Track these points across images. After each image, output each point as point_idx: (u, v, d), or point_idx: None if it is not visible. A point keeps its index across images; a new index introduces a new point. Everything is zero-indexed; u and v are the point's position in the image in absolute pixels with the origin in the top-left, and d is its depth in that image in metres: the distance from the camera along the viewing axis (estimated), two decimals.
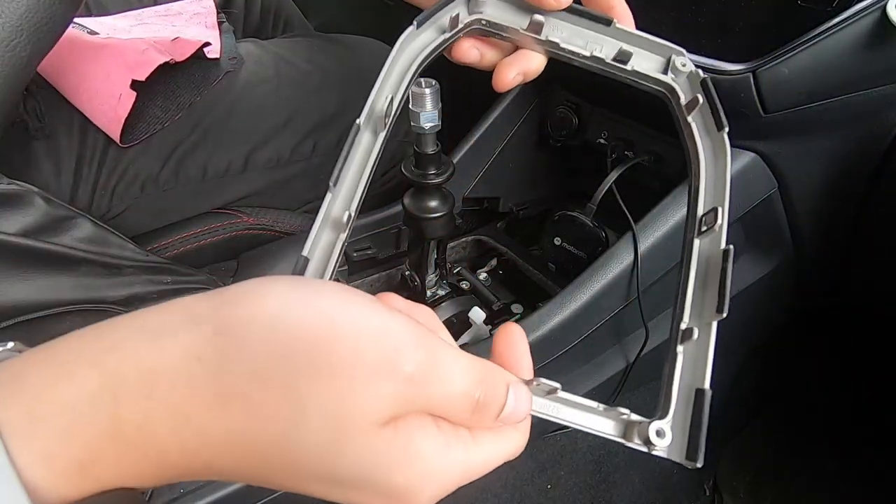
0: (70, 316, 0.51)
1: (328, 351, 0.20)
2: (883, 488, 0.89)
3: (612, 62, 0.34)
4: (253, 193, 0.70)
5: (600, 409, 0.27)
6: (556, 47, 0.34)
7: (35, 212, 0.49)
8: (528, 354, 0.28)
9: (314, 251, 0.28)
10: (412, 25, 0.32)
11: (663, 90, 0.34)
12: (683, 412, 0.27)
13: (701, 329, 0.28)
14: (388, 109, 0.31)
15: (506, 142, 0.72)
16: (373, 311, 0.22)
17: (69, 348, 0.19)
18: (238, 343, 0.19)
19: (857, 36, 0.45)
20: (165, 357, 0.19)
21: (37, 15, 0.41)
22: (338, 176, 0.29)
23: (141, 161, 0.63)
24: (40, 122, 0.58)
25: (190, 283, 0.57)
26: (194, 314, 0.20)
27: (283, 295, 0.21)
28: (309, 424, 0.20)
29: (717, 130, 0.32)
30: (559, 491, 0.74)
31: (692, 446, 0.26)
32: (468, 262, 0.77)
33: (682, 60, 0.34)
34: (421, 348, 0.22)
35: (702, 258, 0.30)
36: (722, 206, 0.31)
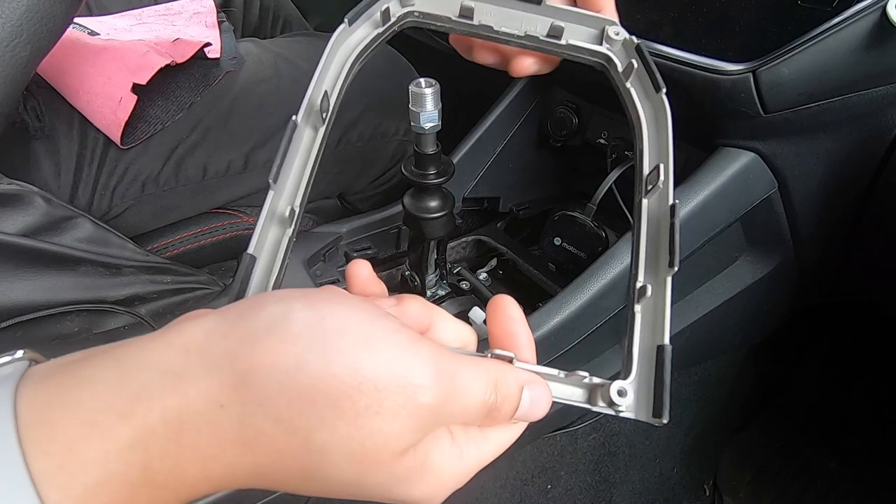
0: (70, 316, 0.51)
1: (351, 396, 0.20)
2: (883, 488, 0.89)
3: (547, 38, 0.34)
4: (253, 193, 0.70)
5: (561, 376, 0.27)
6: (490, 31, 0.34)
7: (35, 212, 0.49)
8: (524, 325, 0.28)
9: (261, 249, 0.28)
10: (344, 22, 0.32)
11: (600, 60, 0.34)
12: (647, 371, 0.27)
13: (656, 286, 0.28)
14: (324, 104, 0.31)
15: (506, 142, 0.72)
16: (394, 350, 0.21)
17: (95, 395, 0.19)
18: (259, 392, 0.20)
19: (857, 36, 0.45)
20: (190, 405, 0.19)
21: (37, 15, 0.41)
22: (277, 172, 0.29)
23: (141, 161, 0.63)
24: (40, 122, 0.58)
25: (190, 283, 0.57)
26: (212, 357, 0.20)
27: (304, 339, 0.20)
28: (333, 463, 0.21)
29: (655, 92, 0.33)
30: (559, 491, 0.74)
31: (657, 403, 0.26)
32: (468, 262, 0.77)
33: (616, 29, 0.34)
34: (440, 378, 0.22)
35: (652, 217, 0.30)
36: (665, 163, 0.31)
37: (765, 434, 0.98)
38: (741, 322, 0.71)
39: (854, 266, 0.67)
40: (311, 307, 0.22)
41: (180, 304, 0.56)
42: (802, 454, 0.95)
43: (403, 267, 0.69)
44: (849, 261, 0.66)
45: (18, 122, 0.56)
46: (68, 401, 0.19)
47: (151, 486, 0.19)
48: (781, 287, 0.68)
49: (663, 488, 0.86)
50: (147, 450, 0.19)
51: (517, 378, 0.25)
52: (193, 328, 0.21)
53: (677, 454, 0.87)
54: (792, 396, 1.00)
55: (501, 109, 0.70)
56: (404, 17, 0.34)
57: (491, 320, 0.28)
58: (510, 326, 0.28)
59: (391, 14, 0.33)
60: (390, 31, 0.34)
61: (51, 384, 0.19)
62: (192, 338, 0.21)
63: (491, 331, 0.28)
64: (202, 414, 0.20)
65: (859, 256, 0.65)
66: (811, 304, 0.78)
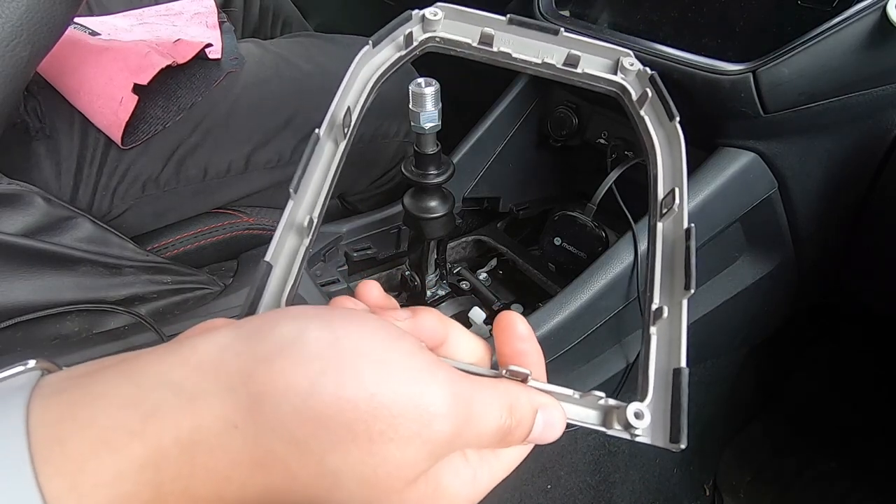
0: (70, 316, 0.51)
1: (366, 421, 0.20)
2: (883, 488, 0.89)
3: (563, 67, 0.35)
4: (253, 193, 0.70)
5: (576, 397, 0.27)
6: (509, 57, 0.35)
7: (35, 212, 0.49)
8: (534, 343, 0.28)
9: (278, 257, 0.28)
10: (368, 44, 0.33)
11: (615, 89, 0.36)
12: (663, 394, 0.27)
13: (672, 308, 0.28)
14: (346, 120, 0.32)
15: (506, 142, 0.72)
16: (410, 375, 0.21)
17: (108, 413, 0.19)
18: (273, 414, 0.19)
19: (857, 36, 0.45)
20: (203, 425, 0.19)
21: (37, 15, 0.41)
22: (298, 183, 0.29)
23: (142, 161, 0.63)
24: (41, 123, 0.58)
25: (190, 283, 0.57)
26: (226, 377, 0.20)
27: (318, 362, 0.20)
28: (345, 489, 0.20)
29: (668, 121, 0.34)
30: (559, 491, 0.75)
31: (675, 427, 0.25)
32: (468, 262, 0.77)
33: (630, 60, 0.35)
34: (456, 406, 0.22)
35: (667, 240, 0.31)
36: (679, 187, 0.31)
37: (765, 434, 0.98)
38: (741, 322, 0.71)
39: (854, 266, 0.67)
40: (326, 327, 0.21)
41: (180, 304, 0.56)
42: (802, 454, 0.95)
43: (403, 267, 0.69)
44: (848, 261, 0.66)
45: (19, 122, 0.56)
46: (80, 418, 0.19)
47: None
48: (781, 287, 0.68)
49: (663, 488, 0.86)
50: (159, 470, 0.19)
51: (532, 401, 0.25)
52: (207, 344, 0.21)
53: (677, 454, 0.87)
54: (792, 396, 1.00)
55: (501, 109, 0.70)
56: (426, 42, 0.35)
57: (499, 340, 0.28)
58: (520, 346, 0.27)
59: (414, 38, 0.34)
60: (412, 54, 0.35)
61: (63, 400, 0.19)
62: (206, 354, 0.20)
63: (500, 350, 0.28)
64: (216, 435, 0.19)
65: (859, 256, 0.65)
66: (811, 304, 0.78)
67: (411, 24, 0.35)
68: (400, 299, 0.68)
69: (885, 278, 0.63)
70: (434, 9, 0.34)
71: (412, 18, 0.34)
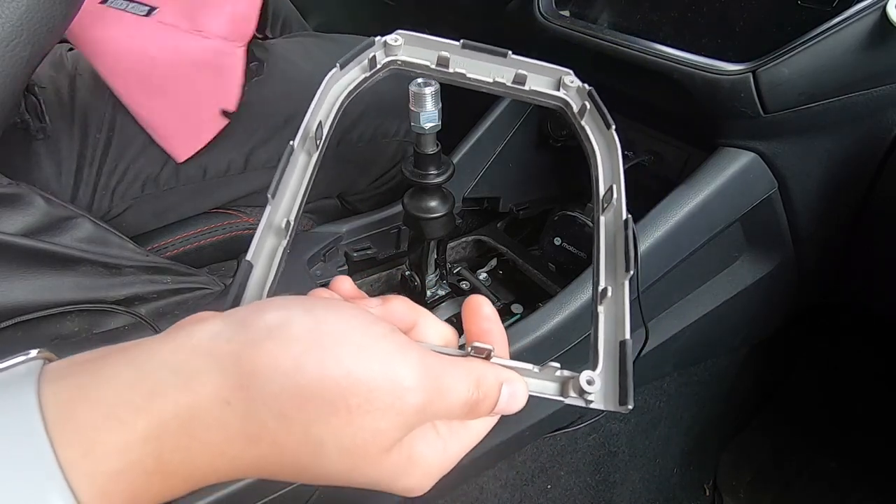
0: (70, 316, 0.51)
1: (344, 396, 0.22)
2: (883, 488, 0.89)
3: (512, 85, 0.40)
4: (253, 193, 0.70)
5: (535, 371, 0.29)
6: (464, 77, 0.39)
7: (35, 212, 0.50)
8: (498, 323, 0.31)
9: (258, 257, 0.32)
10: (336, 67, 0.37)
11: (559, 103, 0.40)
12: (612, 364, 0.30)
13: (616, 288, 0.32)
14: (318, 132, 0.36)
15: (506, 142, 0.72)
16: (384, 354, 0.24)
17: (114, 392, 0.21)
18: (262, 391, 0.22)
19: (857, 36, 0.45)
20: (200, 402, 0.21)
21: (37, 15, 0.41)
22: (275, 189, 0.33)
23: (141, 161, 0.63)
24: (41, 123, 0.58)
25: (190, 283, 0.57)
26: (219, 359, 0.22)
27: (301, 343, 0.22)
28: (327, 456, 0.23)
29: (606, 129, 0.38)
30: (559, 491, 0.75)
31: (623, 391, 0.29)
32: (468, 262, 0.77)
33: (570, 78, 0.40)
34: (426, 380, 0.24)
35: (609, 230, 0.35)
36: (617, 184, 0.36)
37: (765, 434, 0.98)
38: (741, 322, 0.71)
39: (854, 266, 0.67)
40: (308, 313, 0.24)
41: (180, 303, 0.56)
42: (802, 454, 0.95)
43: (403, 267, 0.69)
44: (848, 261, 0.66)
45: (19, 122, 0.56)
46: (89, 397, 0.21)
47: (164, 475, 0.21)
48: (781, 287, 0.68)
49: (663, 488, 0.86)
50: (161, 442, 0.21)
51: (497, 375, 0.28)
52: (200, 331, 0.23)
53: (677, 454, 0.87)
54: (792, 396, 1.00)
55: (501, 109, 0.70)
56: (389, 65, 0.39)
57: (467, 319, 0.31)
58: (484, 325, 0.30)
59: (377, 61, 0.38)
60: (376, 75, 0.39)
61: (71, 383, 0.21)
62: (200, 340, 0.23)
63: (467, 329, 0.31)
64: (211, 410, 0.21)
65: (859, 257, 0.65)
66: (811, 304, 0.78)
67: (374, 49, 0.38)
68: None
69: (885, 278, 0.63)
70: (395, 35, 0.39)
71: (375, 44, 0.38)
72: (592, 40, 0.57)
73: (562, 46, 0.61)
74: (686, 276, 0.61)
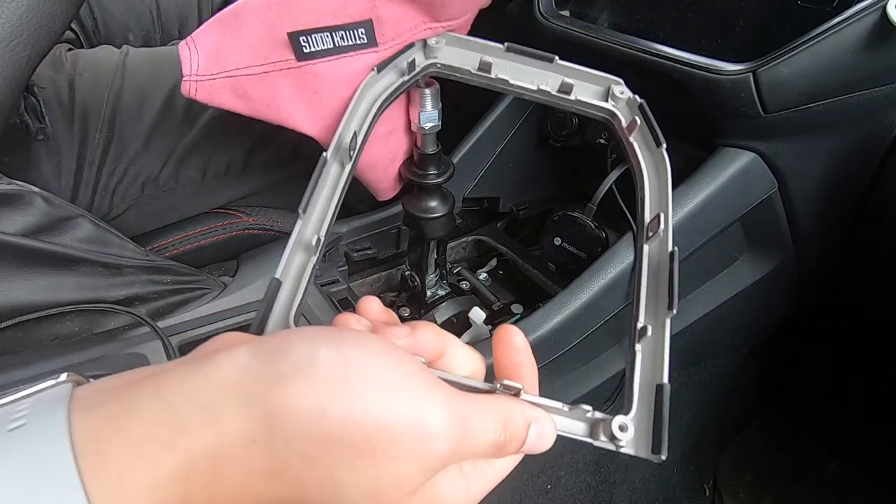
0: (70, 316, 0.51)
1: (369, 440, 0.22)
2: (883, 488, 0.89)
3: (557, 94, 0.37)
4: (253, 193, 0.70)
5: (565, 410, 0.28)
6: (506, 84, 0.37)
7: (35, 212, 0.49)
8: (529, 354, 0.29)
9: (287, 274, 0.30)
10: (372, 71, 0.35)
11: (606, 115, 0.37)
12: (646, 408, 0.28)
13: (655, 327, 0.30)
14: (352, 143, 0.34)
15: (506, 142, 0.72)
16: (411, 396, 0.23)
17: (143, 427, 0.21)
18: (287, 430, 0.22)
19: (857, 36, 0.45)
20: (226, 440, 0.21)
21: (37, 15, 0.41)
22: (307, 203, 0.31)
23: (141, 162, 0.63)
24: (41, 124, 0.58)
25: (190, 283, 0.57)
26: (246, 395, 0.22)
27: (328, 384, 0.22)
28: (350, 499, 0.22)
29: (656, 147, 0.36)
30: (559, 491, 0.74)
31: (656, 440, 0.27)
32: (468, 262, 0.77)
33: (621, 88, 0.37)
34: (453, 424, 0.23)
35: (652, 261, 0.33)
36: (664, 212, 0.33)
37: (765, 434, 0.98)
38: (741, 322, 0.71)
39: (854, 266, 0.67)
40: (336, 349, 0.23)
41: (180, 303, 0.56)
42: (802, 454, 0.95)
43: (403, 267, 0.69)
44: (848, 261, 0.66)
45: (19, 122, 0.56)
46: (118, 431, 0.21)
47: None
48: (781, 287, 0.68)
49: (663, 488, 0.86)
50: (188, 481, 0.21)
51: (525, 415, 0.27)
52: (228, 363, 0.23)
53: (677, 454, 0.87)
54: (792, 396, 1.00)
55: (501, 109, 0.70)
56: (428, 68, 0.37)
57: (497, 350, 0.30)
58: (516, 357, 0.29)
59: (416, 64, 0.36)
60: (414, 79, 0.37)
61: (101, 415, 0.21)
62: (228, 375, 0.22)
63: (497, 360, 0.30)
64: (237, 448, 0.21)
65: (859, 257, 0.65)
66: (811, 304, 0.78)
67: (414, 51, 0.36)
68: (400, 299, 0.68)
69: (885, 278, 0.63)
70: (437, 36, 0.36)
71: (415, 45, 0.36)
72: (592, 40, 0.57)
73: (562, 47, 0.61)
74: (686, 276, 0.61)
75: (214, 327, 0.55)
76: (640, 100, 0.36)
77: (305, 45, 0.39)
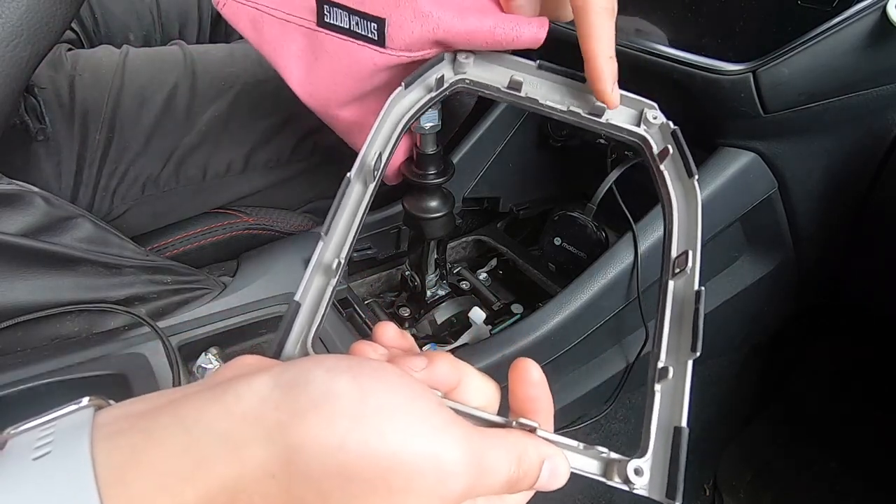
0: (70, 316, 0.51)
1: (385, 477, 0.22)
2: (883, 488, 0.89)
3: (588, 115, 0.36)
4: (253, 193, 0.70)
5: (580, 448, 0.28)
6: (536, 103, 0.36)
7: (35, 212, 0.49)
8: (545, 389, 0.29)
9: (306, 296, 0.30)
10: (401, 86, 0.34)
11: (637, 140, 0.36)
12: (663, 450, 0.28)
13: (677, 368, 0.30)
14: (376, 164, 0.34)
15: (506, 142, 0.72)
16: (429, 434, 0.23)
17: (164, 459, 0.21)
18: (305, 466, 0.22)
19: (857, 36, 0.45)
20: (245, 473, 0.22)
21: (37, 15, 0.41)
22: (329, 225, 0.31)
23: (141, 162, 0.63)
24: (41, 124, 0.58)
25: (190, 283, 0.57)
26: (267, 427, 0.22)
27: (346, 420, 0.22)
28: None
29: (687, 177, 0.34)
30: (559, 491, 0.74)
31: (671, 484, 0.27)
32: (468, 262, 0.77)
33: (654, 113, 0.36)
34: (469, 462, 0.24)
35: (676, 299, 0.32)
36: (693, 250, 0.33)
37: (765, 434, 0.98)
38: (741, 322, 0.71)
39: (854, 266, 0.67)
40: (354, 381, 0.23)
41: (180, 303, 0.56)
42: (802, 454, 0.95)
43: (403, 267, 0.69)
44: (848, 261, 0.66)
45: (19, 122, 0.56)
46: (141, 463, 0.21)
47: None
48: (781, 287, 0.68)
49: None
50: None
51: (539, 452, 0.27)
52: (249, 394, 0.23)
53: None
54: (792, 396, 1.00)
55: (501, 109, 0.70)
56: (456, 84, 0.36)
57: (513, 383, 0.29)
58: (532, 392, 0.29)
59: (445, 80, 0.35)
60: (441, 95, 0.36)
61: (124, 443, 0.22)
62: (249, 406, 0.23)
63: (513, 393, 0.30)
64: (256, 482, 0.22)
65: (859, 257, 0.65)
66: (811, 304, 0.78)
67: (443, 67, 0.36)
68: (400, 299, 0.68)
69: (885, 278, 0.63)
70: (466, 52, 0.35)
71: (444, 60, 0.35)
72: None
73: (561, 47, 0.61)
74: None
75: (214, 327, 0.55)
76: (674, 126, 0.35)
77: (328, 15, 0.40)
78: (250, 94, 0.67)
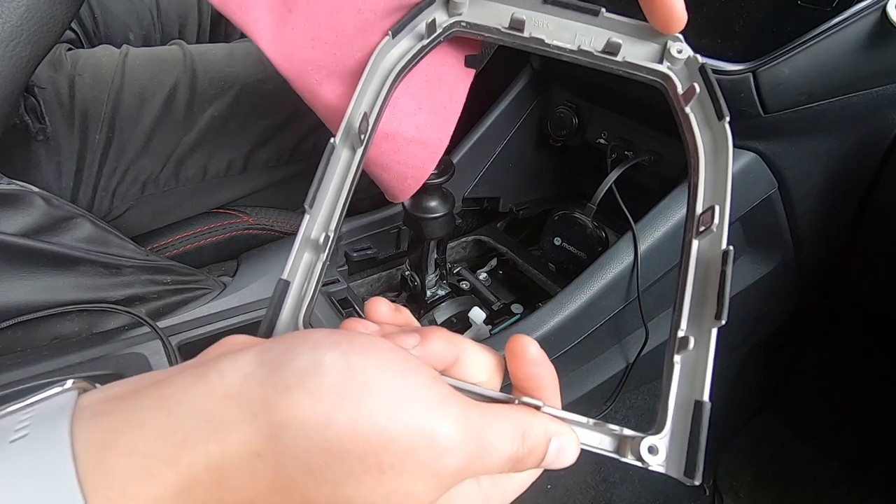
0: (70, 316, 0.51)
1: (376, 454, 0.21)
2: (882, 488, 0.89)
3: (601, 54, 0.31)
4: (253, 193, 0.70)
5: (590, 424, 0.26)
6: (542, 44, 0.31)
7: (35, 212, 0.49)
8: (547, 365, 0.27)
9: (294, 274, 0.28)
10: (387, 36, 0.31)
11: (658, 79, 0.32)
12: (682, 425, 0.26)
13: (699, 337, 0.27)
14: (362, 125, 0.31)
15: (506, 142, 0.72)
16: (422, 409, 0.22)
17: (146, 441, 0.20)
18: (292, 444, 0.21)
19: (856, 36, 0.45)
20: (230, 453, 0.21)
21: (37, 15, 0.41)
22: (313, 197, 0.28)
23: (141, 162, 0.63)
24: (41, 124, 0.58)
25: (190, 283, 0.57)
26: (251, 405, 0.21)
27: (333, 395, 0.21)
28: None
29: (717, 120, 0.30)
30: (559, 491, 0.74)
31: (690, 462, 0.25)
32: (468, 262, 0.77)
33: (679, 46, 0.31)
34: (466, 439, 0.22)
35: (701, 260, 0.28)
36: (721, 205, 0.28)
37: (765, 434, 0.98)
38: (741, 322, 0.71)
39: (854, 266, 0.67)
40: (342, 357, 0.22)
41: (180, 303, 0.56)
42: (802, 454, 0.95)
43: (403, 267, 0.69)
44: (848, 261, 0.66)
45: (19, 122, 0.56)
46: (121, 445, 0.20)
47: None
48: (781, 287, 0.68)
49: (663, 488, 0.86)
50: (192, 495, 0.20)
51: (545, 429, 0.26)
52: (232, 372, 0.22)
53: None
54: (792, 396, 1.00)
55: (501, 109, 0.70)
56: (450, 28, 0.32)
57: (511, 364, 0.28)
58: (532, 369, 0.27)
59: (437, 25, 0.32)
60: (435, 42, 0.32)
61: (104, 427, 0.21)
62: (232, 385, 0.22)
63: (513, 373, 0.28)
64: (241, 462, 0.21)
65: (859, 257, 0.65)
66: (811, 304, 0.78)
67: (434, 9, 0.32)
68: (400, 299, 0.68)
69: (885, 278, 0.63)
70: None
71: (435, 2, 0.31)
72: None
73: None
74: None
75: (214, 327, 0.55)
76: (703, 59, 0.31)
77: None
78: (250, 93, 0.67)
